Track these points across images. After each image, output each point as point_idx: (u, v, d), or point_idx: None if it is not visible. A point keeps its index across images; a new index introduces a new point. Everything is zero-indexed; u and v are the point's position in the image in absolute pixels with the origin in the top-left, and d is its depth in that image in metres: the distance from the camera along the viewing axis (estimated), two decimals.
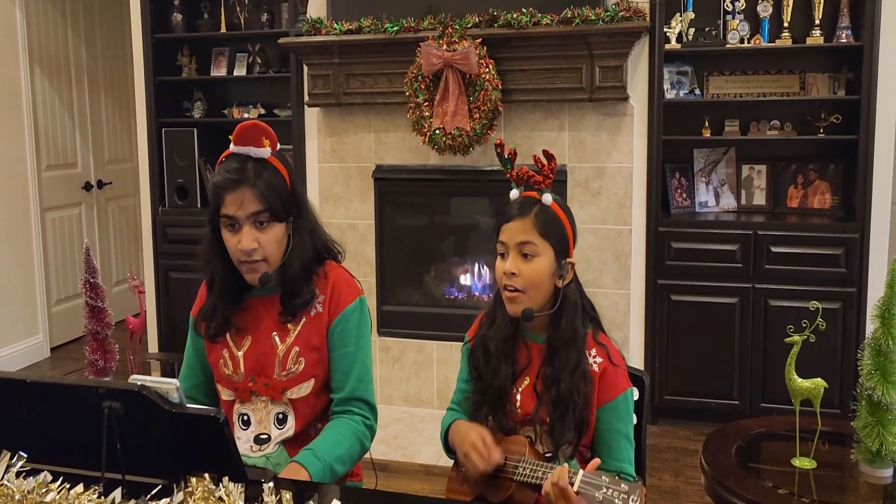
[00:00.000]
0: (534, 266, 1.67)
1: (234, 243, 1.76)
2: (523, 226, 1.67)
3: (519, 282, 1.67)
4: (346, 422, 1.81)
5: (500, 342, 1.74)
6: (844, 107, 3.75)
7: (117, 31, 5.66)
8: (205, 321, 1.87)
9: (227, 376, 1.86)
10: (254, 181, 1.73)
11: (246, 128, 1.76)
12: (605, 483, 1.37)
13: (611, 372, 1.69)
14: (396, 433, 3.84)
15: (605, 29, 3.53)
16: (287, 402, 1.82)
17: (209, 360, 1.90)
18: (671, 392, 3.84)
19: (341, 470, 1.75)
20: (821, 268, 3.59)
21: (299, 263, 1.81)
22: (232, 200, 1.74)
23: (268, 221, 1.75)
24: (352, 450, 1.78)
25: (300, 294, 1.82)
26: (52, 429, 1.39)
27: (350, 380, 1.82)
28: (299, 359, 1.81)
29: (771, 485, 2.03)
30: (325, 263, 1.89)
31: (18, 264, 4.86)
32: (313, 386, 1.83)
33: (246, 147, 1.76)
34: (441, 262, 4.30)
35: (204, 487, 1.17)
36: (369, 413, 1.85)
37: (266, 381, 1.82)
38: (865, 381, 2.00)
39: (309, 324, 1.83)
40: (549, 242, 1.67)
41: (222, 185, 1.74)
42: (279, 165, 1.79)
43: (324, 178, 4.17)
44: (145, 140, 4.52)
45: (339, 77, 3.97)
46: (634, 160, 3.79)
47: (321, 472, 1.68)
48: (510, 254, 1.68)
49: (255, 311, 1.86)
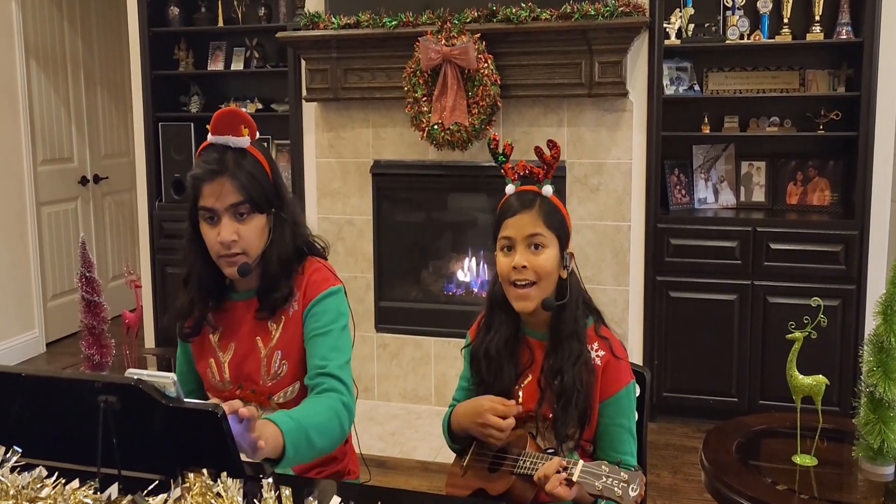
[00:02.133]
0: (544, 257, 1.66)
1: (213, 236, 1.70)
2: (531, 218, 1.67)
3: (531, 274, 1.66)
4: (320, 397, 1.67)
5: (501, 345, 1.73)
6: (844, 103, 3.74)
7: (114, 25, 5.64)
8: (178, 320, 1.82)
9: (214, 385, 1.82)
10: (233, 171, 1.67)
11: (223, 115, 1.70)
12: (604, 472, 1.37)
13: (613, 365, 1.69)
14: (394, 430, 3.83)
15: (605, 24, 3.52)
16: (275, 406, 1.78)
17: (198, 369, 1.86)
18: (670, 389, 3.83)
19: (318, 441, 1.58)
20: (820, 265, 3.59)
21: (278, 257, 1.75)
22: (210, 192, 1.68)
23: (248, 213, 1.70)
24: (330, 423, 1.63)
25: (278, 289, 1.75)
26: (48, 423, 1.37)
27: (315, 358, 1.72)
28: (283, 361, 1.77)
29: (771, 482, 2.02)
30: (306, 260, 1.82)
31: (14, 259, 4.84)
32: (298, 388, 1.78)
33: (224, 136, 1.70)
34: (439, 258, 4.28)
35: (202, 483, 1.15)
36: (343, 389, 1.69)
37: (253, 388, 1.78)
38: (867, 378, 1.99)
39: (287, 323, 1.78)
40: (554, 233, 1.68)
41: (200, 176, 1.68)
42: (259, 155, 1.74)
43: (321, 173, 4.16)
44: (142, 134, 4.50)
45: (337, 72, 3.95)
46: (633, 156, 3.78)
47: (294, 431, 1.52)
48: (518, 247, 1.67)
49: (235, 314, 1.81)
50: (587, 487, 1.37)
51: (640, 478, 1.35)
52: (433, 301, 4.20)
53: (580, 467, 1.40)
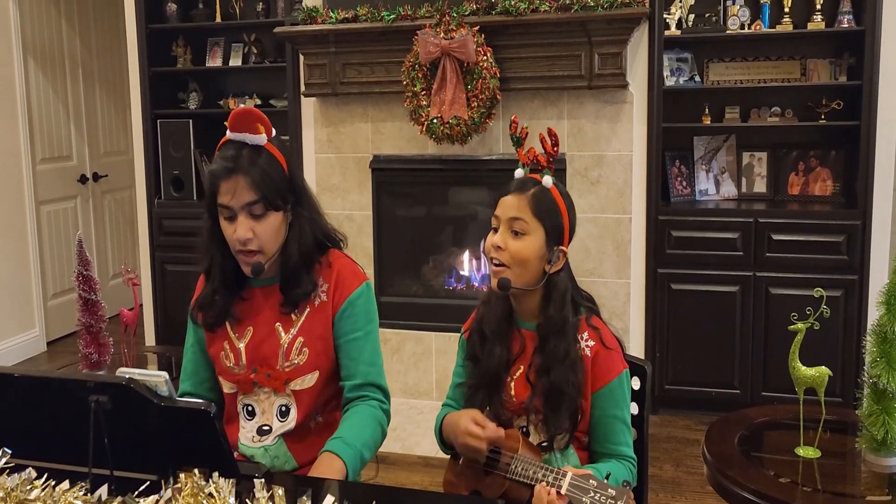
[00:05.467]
0: (521, 244, 1.65)
1: (230, 232, 1.73)
2: (518, 202, 1.67)
3: (505, 256, 1.66)
4: (364, 408, 1.77)
5: (494, 325, 1.73)
6: (846, 93, 3.71)
7: (112, 22, 5.62)
8: (202, 311, 1.84)
9: (228, 368, 1.83)
10: (247, 169, 1.70)
11: (239, 114, 1.72)
12: (592, 487, 1.36)
13: (603, 356, 1.67)
14: (395, 425, 3.81)
15: (604, 15, 3.49)
16: (290, 393, 1.79)
17: (210, 353, 1.87)
18: (672, 382, 3.82)
19: (368, 456, 1.72)
20: (822, 255, 3.56)
21: (298, 253, 1.78)
22: (226, 189, 1.70)
23: (263, 211, 1.72)
24: (375, 435, 1.75)
25: (300, 284, 1.78)
26: (38, 423, 1.36)
27: (361, 364, 1.79)
28: (303, 349, 1.78)
29: (774, 474, 2.00)
30: (329, 252, 1.86)
31: (13, 258, 4.83)
32: (318, 378, 1.80)
33: (241, 134, 1.72)
34: (439, 252, 4.27)
35: (193, 483, 1.13)
36: (384, 398, 1.81)
37: (268, 372, 1.79)
38: (870, 369, 1.97)
39: (313, 314, 1.80)
40: (541, 223, 1.66)
41: (217, 173, 1.71)
42: (276, 152, 1.75)
43: (321, 168, 4.14)
44: (140, 132, 4.48)
45: (336, 66, 3.93)
46: (634, 148, 3.75)
47: (353, 458, 1.65)
48: (501, 227, 1.68)
49: (255, 301, 1.83)
50: (574, 501, 1.37)
51: (629, 494, 1.34)
52: (434, 296, 4.19)
53: (569, 479, 1.40)
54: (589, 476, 1.39)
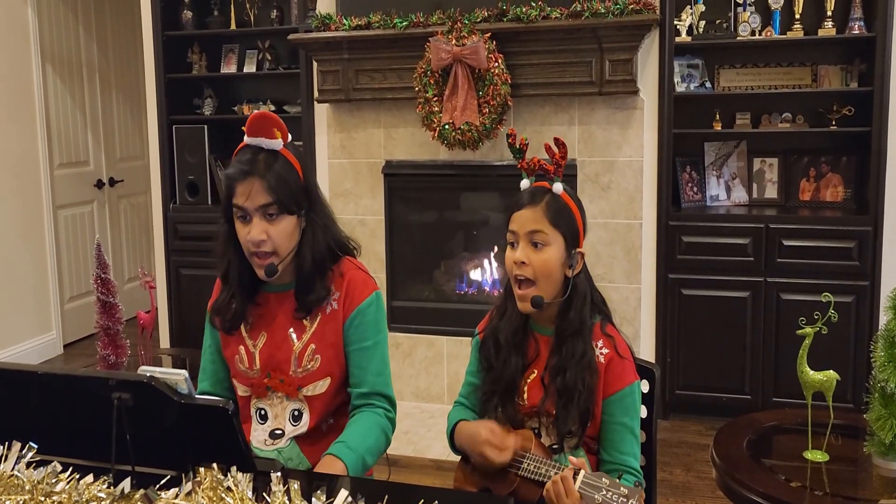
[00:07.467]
0: (544, 255, 1.66)
1: (244, 234, 1.76)
2: (534, 214, 1.66)
3: (529, 271, 1.66)
4: (369, 415, 1.81)
5: (509, 334, 1.74)
6: (857, 99, 3.72)
7: (128, 30, 5.69)
8: (219, 314, 1.87)
9: (242, 371, 1.86)
10: (263, 173, 1.73)
11: (256, 118, 1.76)
12: (605, 485, 1.37)
13: (617, 363, 1.68)
14: (407, 428, 3.84)
15: (615, 22, 3.52)
16: (303, 398, 1.82)
17: (225, 355, 1.90)
18: (682, 386, 3.82)
19: (371, 462, 1.75)
20: (833, 261, 3.57)
21: (311, 259, 1.80)
22: (242, 191, 1.74)
23: (277, 214, 1.75)
24: (378, 442, 1.79)
25: (313, 290, 1.81)
26: (62, 420, 1.39)
27: (369, 374, 1.82)
28: (315, 356, 1.81)
29: (783, 478, 2.01)
30: (341, 261, 1.88)
31: (32, 262, 4.89)
32: (330, 384, 1.82)
33: (258, 138, 1.76)
34: (451, 257, 4.29)
35: (212, 478, 1.17)
36: (390, 406, 1.85)
37: (282, 378, 1.82)
38: (878, 373, 1.98)
39: (325, 321, 1.83)
40: (559, 231, 1.67)
41: (233, 175, 1.75)
42: (291, 158, 1.79)
43: (333, 174, 4.18)
44: (156, 137, 4.54)
45: (349, 73, 3.98)
46: (645, 154, 3.77)
47: (355, 462, 1.69)
48: (520, 242, 1.67)
49: (269, 306, 1.86)
50: (587, 500, 1.38)
51: (640, 494, 1.35)
52: (445, 300, 4.21)
53: (581, 477, 1.41)
54: (601, 474, 1.40)
